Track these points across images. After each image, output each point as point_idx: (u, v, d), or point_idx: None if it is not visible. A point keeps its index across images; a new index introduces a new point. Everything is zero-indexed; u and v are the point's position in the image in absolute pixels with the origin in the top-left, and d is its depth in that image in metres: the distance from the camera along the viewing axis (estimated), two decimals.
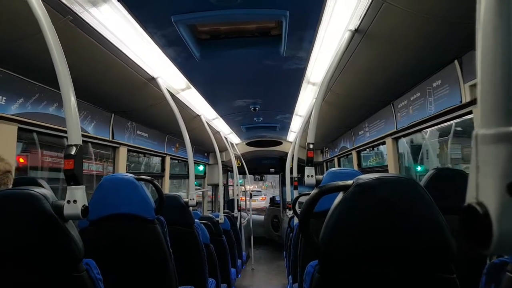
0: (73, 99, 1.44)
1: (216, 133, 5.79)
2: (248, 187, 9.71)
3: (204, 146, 6.97)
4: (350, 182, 1.17)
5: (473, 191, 0.47)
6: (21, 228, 1.29)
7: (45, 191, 1.34)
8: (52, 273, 1.32)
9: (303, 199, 3.65)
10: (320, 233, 1.20)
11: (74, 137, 1.41)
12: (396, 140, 3.71)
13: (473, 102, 2.26)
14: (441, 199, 1.19)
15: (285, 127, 6.47)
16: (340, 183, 1.19)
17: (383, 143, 3.99)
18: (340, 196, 1.19)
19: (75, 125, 1.43)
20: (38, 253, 1.30)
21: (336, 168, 2.77)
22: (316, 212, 1.21)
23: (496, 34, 0.46)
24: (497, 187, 0.44)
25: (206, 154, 7.89)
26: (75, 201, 1.34)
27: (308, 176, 2.44)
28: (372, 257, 1.15)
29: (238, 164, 7.58)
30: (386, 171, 3.88)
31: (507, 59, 0.45)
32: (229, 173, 9.98)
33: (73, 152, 1.37)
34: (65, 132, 2.84)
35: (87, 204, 1.39)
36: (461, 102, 2.35)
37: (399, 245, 1.13)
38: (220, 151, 5.57)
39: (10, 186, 1.93)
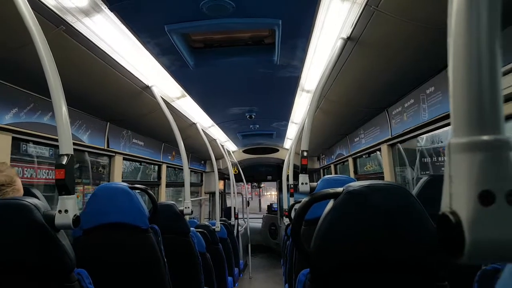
0: (64, 109, 1.45)
1: (212, 141, 5.80)
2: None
3: (200, 154, 6.97)
4: (340, 189, 1.18)
5: (447, 199, 0.48)
6: (11, 238, 1.29)
7: (36, 201, 1.34)
8: (43, 283, 1.32)
9: (298, 206, 3.64)
10: (310, 241, 1.20)
11: (65, 147, 1.41)
12: (391, 146, 3.72)
13: None
14: (435, 205, 1.20)
15: (282, 134, 6.48)
16: (331, 190, 1.19)
17: (379, 149, 4.00)
18: (330, 203, 1.19)
19: (67, 135, 1.43)
20: (29, 264, 1.30)
21: (331, 175, 2.77)
22: (309, 219, 1.22)
23: (465, 46, 0.47)
24: (469, 196, 0.45)
25: (202, 162, 7.88)
26: (66, 211, 1.34)
27: (302, 183, 2.44)
28: (363, 265, 1.14)
29: (235, 171, 7.57)
30: (382, 178, 3.89)
31: (477, 69, 0.46)
32: (226, 181, 9.96)
33: (64, 162, 1.38)
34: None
35: (78, 214, 1.39)
36: None
37: (389, 252, 1.13)
38: (217, 159, 5.57)
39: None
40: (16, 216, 1.29)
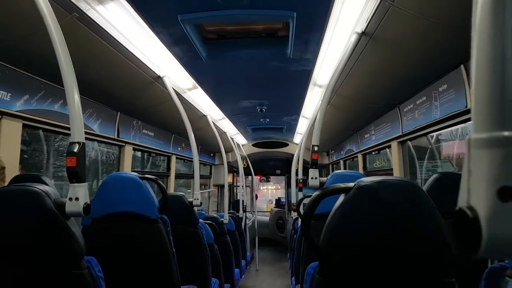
0: (76, 97, 1.45)
1: (222, 134, 5.80)
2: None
3: (210, 146, 6.98)
4: (351, 184, 1.17)
5: (465, 195, 0.47)
6: (22, 224, 1.30)
7: (47, 188, 1.35)
8: (53, 270, 1.32)
9: (307, 200, 3.64)
10: (319, 235, 1.20)
11: (77, 135, 1.42)
12: (401, 143, 3.70)
13: None
14: (444, 203, 1.18)
15: (292, 129, 6.47)
16: (342, 185, 1.19)
17: (389, 146, 3.97)
18: (341, 198, 1.18)
19: (79, 123, 1.43)
20: (39, 250, 1.31)
21: (341, 170, 2.76)
22: (318, 214, 1.21)
23: (490, 40, 0.46)
24: (488, 192, 0.44)
25: (212, 154, 7.90)
26: (77, 199, 1.35)
27: (312, 178, 2.44)
28: (372, 259, 1.14)
29: (244, 165, 7.58)
30: (392, 174, 3.87)
31: (501, 65, 0.45)
32: (234, 174, 9.98)
33: (75, 150, 1.38)
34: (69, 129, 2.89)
35: (89, 202, 1.39)
36: (466, 107, 2.34)
37: (398, 248, 1.12)
38: (226, 152, 5.58)
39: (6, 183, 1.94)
40: (27, 202, 1.30)
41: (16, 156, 2.43)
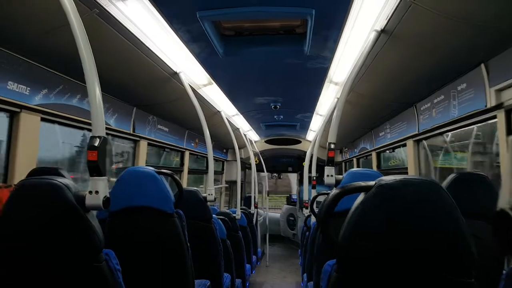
0: (98, 92, 1.47)
1: (236, 130, 5.80)
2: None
3: (223, 142, 7.00)
4: (372, 183, 1.16)
5: (507, 196, 0.46)
6: (43, 217, 1.32)
7: (67, 181, 1.37)
8: (72, 263, 1.34)
9: (320, 198, 3.64)
10: (337, 232, 1.19)
11: (98, 129, 1.43)
12: (417, 142, 3.67)
13: (498, 106, 2.22)
14: (462, 202, 1.17)
15: (305, 126, 6.45)
16: (362, 183, 1.18)
17: (404, 145, 3.94)
18: (361, 196, 1.17)
19: (100, 117, 1.45)
20: (59, 243, 1.33)
21: (357, 168, 2.74)
22: (335, 211, 1.21)
23: None
24: None
25: (224, 150, 7.91)
26: (97, 192, 1.37)
27: (328, 175, 2.43)
28: (391, 258, 1.13)
29: (256, 161, 7.58)
30: (406, 173, 3.84)
31: None
32: (246, 170, 9.99)
33: (96, 144, 1.40)
34: (87, 123, 2.91)
35: (108, 196, 1.41)
36: (486, 106, 2.31)
37: (419, 247, 1.11)
38: (239, 148, 5.58)
39: None
40: (48, 195, 1.32)
41: (35, 149, 2.46)
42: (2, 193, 1.71)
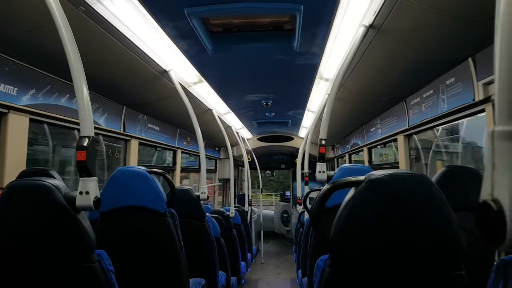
0: (85, 91, 1.45)
1: (228, 128, 5.80)
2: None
3: (215, 140, 6.99)
4: (362, 177, 1.16)
5: (488, 187, 0.46)
6: (33, 219, 1.31)
7: (57, 182, 1.36)
8: (64, 264, 1.34)
9: (313, 194, 3.65)
10: (329, 228, 1.19)
11: (87, 129, 1.42)
12: (408, 137, 3.69)
13: (486, 100, 2.24)
14: (452, 196, 1.18)
15: (297, 123, 6.47)
16: (352, 178, 1.18)
17: (395, 140, 3.96)
18: (351, 191, 1.18)
19: (88, 117, 1.44)
20: (50, 244, 1.33)
21: (348, 164, 2.75)
22: (327, 207, 1.21)
23: None
24: None
25: (217, 148, 7.91)
26: (87, 193, 1.36)
27: (319, 172, 2.43)
28: (383, 252, 1.14)
29: (249, 159, 7.58)
30: (397, 167, 3.86)
31: None
32: (239, 168, 10.00)
33: (85, 144, 1.39)
34: (76, 123, 2.89)
35: (99, 196, 1.40)
36: (474, 100, 2.32)
37: (409, 240, 1.12)
38: (231, 146, 5.58)
39: None
40: (37, 196, 1.31)
41: (24, 150, 2.44)
42: None
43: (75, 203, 1.33)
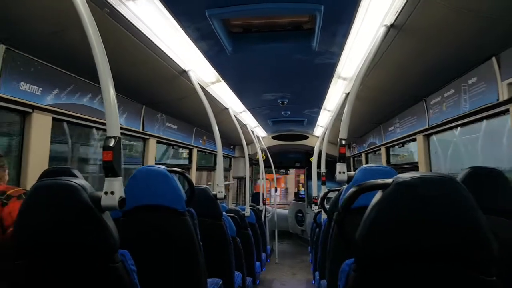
0: (112, 92, 1.46)
1: (243, 126, 5.79)
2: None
3: (230, 139, 7.01)
4: (389, 180, 1.15)
5: None
6: (60, 218, 1.32)
7: (83, 181, 1.37)
8: (89, 263, 1.35)
9: (332, 194, 3.63)
10: (350, 230, 1.19)
11: (113, 129, 1.44)
12: (427, 137, 3.65)
13: (510, 100, 2.21)
14: (477, 198, 1.17)
15: (312, 122, 6.44)
16: (379, 181, 1.17)
17: (414, 139, 3.92)
18: (379, 194, 1.17)
19: (114, 118, 1.45)
20: (76, 243, 1.33)
21: (368, 164, 2.73)
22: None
23: None
24: None
25: (232, 147, 7.91)
26: (112, 193, 1.37)
27: (340, 172, 2.42)
28: (410, 255, 1.13)
29: (263, 157, 7.58)
30: (416, 168, 3.82)
31: None
32: (254, 166, 9.98)
33: (111, 144, 1.40)
34: (98, 123, 2.93)
35: (124, 196, 1.41)
36: (497, 100, 2.29)
37: (437, 244, 1.11)
38: (246, 144, 5.58)
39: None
40: (64, 196, 1.32)
41: (46, 149, 2.48)
42: (14, 205, 1.71)
43: (100, 203, 1.34)
